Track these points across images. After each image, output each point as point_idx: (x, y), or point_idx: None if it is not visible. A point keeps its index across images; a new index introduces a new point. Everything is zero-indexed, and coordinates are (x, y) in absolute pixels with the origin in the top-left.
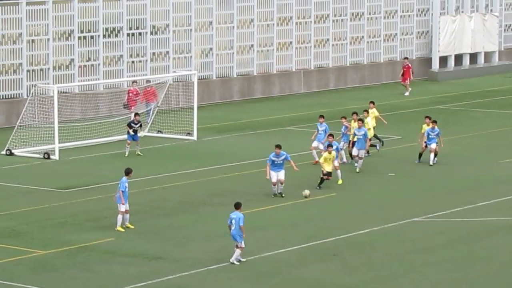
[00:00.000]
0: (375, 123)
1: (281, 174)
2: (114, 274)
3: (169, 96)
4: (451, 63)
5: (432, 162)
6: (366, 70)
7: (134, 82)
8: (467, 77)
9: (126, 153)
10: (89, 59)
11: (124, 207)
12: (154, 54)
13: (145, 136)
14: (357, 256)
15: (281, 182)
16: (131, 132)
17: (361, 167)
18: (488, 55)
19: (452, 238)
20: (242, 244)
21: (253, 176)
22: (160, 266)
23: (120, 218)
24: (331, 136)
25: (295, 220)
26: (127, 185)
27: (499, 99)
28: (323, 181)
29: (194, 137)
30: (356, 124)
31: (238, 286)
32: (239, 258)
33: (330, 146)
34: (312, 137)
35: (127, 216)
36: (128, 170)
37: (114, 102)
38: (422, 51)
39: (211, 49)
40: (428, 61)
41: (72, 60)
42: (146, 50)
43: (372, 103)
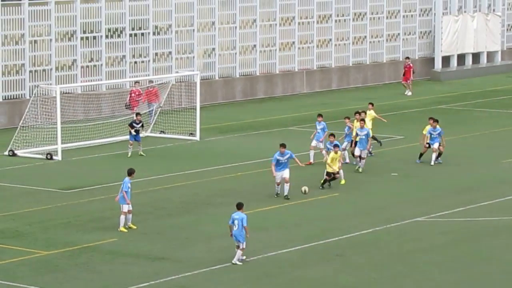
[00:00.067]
0: (371, 126)
1: (286, 173)
2: (117, 275)
3: (172, 97)
4: (454, 63)
5: (434, 162)
6: (369, 70)
7: (137, 83)
8: (470, 77)
9: (129, 154)
10: (92, 60)
11: (127, 207)
12: (157, 55)
13: (148, 137)
14: (360, 256)
15: (286, 181)
16: (133, 132)
17: (364, 167)
18: (491, 55)
19: (455, 238)
20: (244, 245)
21: (256, 176)
22: (163, 267)
23: (123, 219)
24: (333, 136)
25: (298, 220)
26: (130, 186)
27: (502, 99)
28: (326, 182)
29: (197, 137)
30: (358, 124)
31: (241, 286)
32: (241, 258)
33: (337, 146)
34: (311, 136)
35: (130, 217)
36: (131, 171)
37: (117, 103)
38: (425, 51)
39: (214, 50)
40: (431, 61)
41: (75, 61)
42: (149, 51)
43: (371, 104)
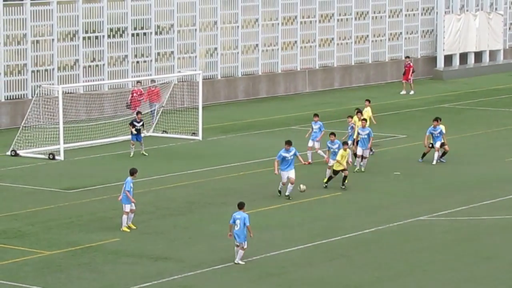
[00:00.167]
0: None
1: (292, 173)
2: (120, 275)
3: (174, 96)
4: (456, 62)
5: (436, 161)
6: (371, 69)
7: (138, 83)
8: (472, 76)
9: (131, 153)
10: (94, 60)
11: (129, 207)
12: (159, 54)
13: (150, 136)
14: (363, 255)
15: (291, 182)
16: (133, 131)
17: (366, 166)
18: (493, 54)
19: (458, 237)
20: (245, 245)
21: (258, 176)
22: (166, 266)
23: (125, 219)
24: (333, 135)
25: (301, 220)
26: (132, 185)
27: (504, 98)
28: (330, 179)
29: (199, 137)
30: (360, 124)
31: (244, 286)
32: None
33: (346, 144)
34: (306, 135)
35: (131, 216)
36: (133, 170)
37: (119, 103)
38: (427, 50)
39: (216, 49)
40: (433, 60)
41: (77, 61)
42: (151, 50)
43: (368, 101)
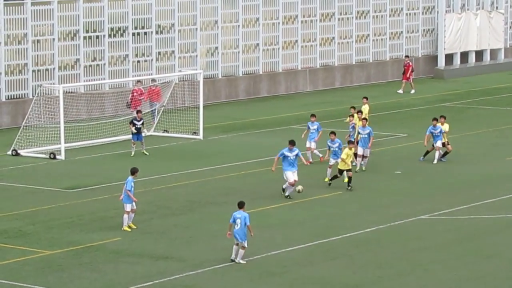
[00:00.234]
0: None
1: (295, 175)
2: (121, 274)
3: (175, 96)
4: (457, 61)
5: (437, 160)
6: (372, 68)
7: (139, 82)
8: (473, 75)
9: (132, 153)
10: (95, 59)
11: (130, 206)
12: (160, 54)
13: (151, 136)
14: (364, 254)
15: (294, 184)
16: (133, 130)
17: (367, 165)
18: (494, 53)
19: (459, 236)
20: (245, 244)
21: (259, 175)
22: (167, 266)
23: (126, 218)
24: (333, 134)
25: (302, 219)
26: (133, 185)
27: (505, 96)
28: (335, 177)
29: (200, 136)
30: (360, 123)
31: (245, 285)
32: (234, 254)
33: (352, 143)
34: (302, 136)
35: (132, 216)
36: (134, 170)
37: (120, 102)
38: (428, 49)
39: (217, 48)
40: (434, 59)
41: (78, 60)
42: (152, 50)
43: (366, 98)
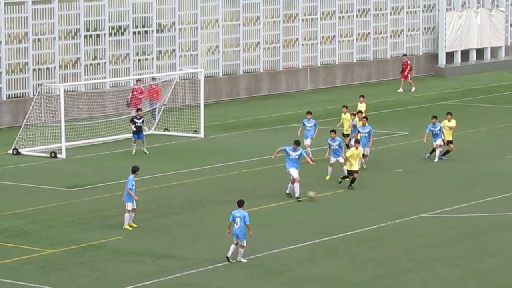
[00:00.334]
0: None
1: (296, 172)
2: (122, 273)
3: (176, 94)
4: (458, 59)
5: (438, 159)
6: (373, 67)
7: (138, 81)
8: (474, 73)
9: (133, 152)
10: (95, 58)
11: (131, 205)
12: (160, 52)
13: (152, 134)
14: (365, 253)
15: (297, 181)
16: (133, 128)
17: (368, 164)
18: (495, 51)
19: (460, 234)
20: (244, 243)
21: (260, 174)
22: (168, 264)
23: (127, 217)
24: (334, 132)
25: (303, 217)
26: (134, 183)
27: (506, 94)
28: (345, 178)
29: (201, 135)
30: (361, 122)
31: (246, 284)
32: (231, 252)
33: (358, 142)
34: (298, 133)
35: (133, 215)
36: (135, 168)
37: (121, 101)
38: (429, 47)
39: (218, 47)
40: (435, 57)
41: (78, 59)
42: (152, 48)
43: (362, 97)
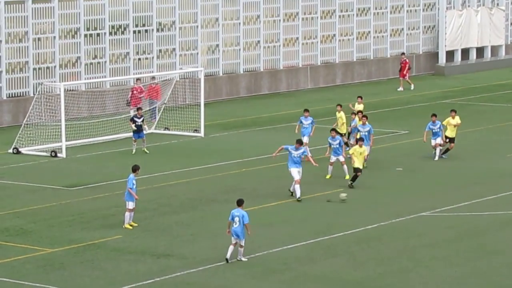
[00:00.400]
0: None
1: (299, 173)
2: (122, 272)
3: (176, 93)
4: (458, 58)
5: (438, 157)
6: (373, 65)
7: (138, 80)
8: (474, 71)
9: (133, 151)
10: (96, 57)
11: (132, 204)
12: (161, 51)
13: (152, 133)
14: (365, 251)
15: (297, 182)
16: (133, 127)
17: (368, 162)
18: (495, 49)
19: (460, 232)
20: (243, 242)
21: (261, 173)
22: (168, 263)
23: (128, 216)
24: (334, 131)
25: (303, 216)
26: (135, 182)
27: (506, 93)
28: (354, 176)
29: (201, 134)
30: (361, 121)
31: (247, 283)
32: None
33: (362, 140)
34: (296, 131)
35: (132, 214)
36: (135, 167)
37: (121, 100)
38: (429, 46)
39: (218, 46)
40: (435, 56)
41: (79, 58)
42: (153, 47)
43: (360, 98)
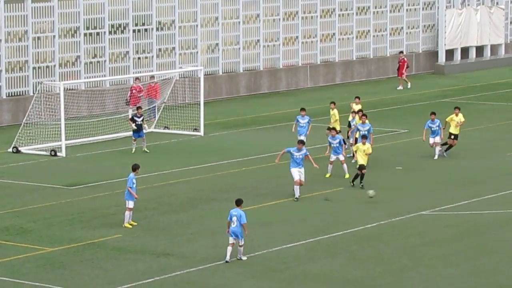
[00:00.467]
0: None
1: (302, 175)
2: (122, 271)
3: (176, 92)
4: (458, 57)
5: (437, 156)
6: (373, 64)
7: (137, 79)
8: (474, 70)
9: (133, 150)
10: (95, 56)
11: (132, 203)
12: (160, 50)
13: (152, 132)
14: (365, 250)
15: (301, 183)
16: (134, 127)
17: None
18: (495, 48)
19: (460, 231)
20: (241, 242)
21: (260, 171)
22: (168, 262)
23: (128, 215)
24: (334, 130)
25: (303, 215)
26: (135, 181)
27: (506, 92)
28: (362, 177)
29: (201, 133)
30: (360, 120)
31: (246, 282)
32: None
33: (365, 138)
34: (293, 130)
35: (131, 213)
36: (135, 166)
37: (121, 99)
38: (429, 45)
39: (217, 45)
40: (435, 55)
41: (78, 57)
42: (152, 46)
43: (358, 98)
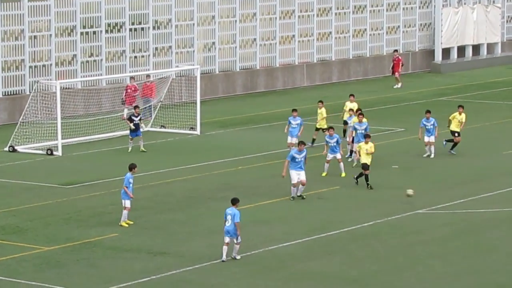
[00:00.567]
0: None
1: (302, 175)
2: (119, 270)
3: (172, 91)
4: (454, 55)
5: (434, 155)
6: (369, 63)
7: (132, 78)
8: (470, 69)
9: (129, 149)
10: (92, 55)
11: (129, 202)
12: (157, 49)
13: (148, 131)
14: (362, 249)
15: (303, 184)
16: (132, 126)
17: None
18: (491, 47)
19: (456, 230)
20: (238, 239)
21: (257, 170)
22: (165, 261)
23: (125, 214)
24: (332, 129)
25: (299, 214)
26: (132, 181)
27: (502, 91)
28: (367, 178)
29: (198, 132)
30: (357, 119)
31: (243, 280)
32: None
33: (368, 137)
34: (285, 130)
35: (127, 212)
36: (132, 166)
37: (117, 98)
38: (425, 43)
39: (214, 43)
40: (431, 53)
41: (75, 56)
42: (149, 45)
43: (353, 96)
